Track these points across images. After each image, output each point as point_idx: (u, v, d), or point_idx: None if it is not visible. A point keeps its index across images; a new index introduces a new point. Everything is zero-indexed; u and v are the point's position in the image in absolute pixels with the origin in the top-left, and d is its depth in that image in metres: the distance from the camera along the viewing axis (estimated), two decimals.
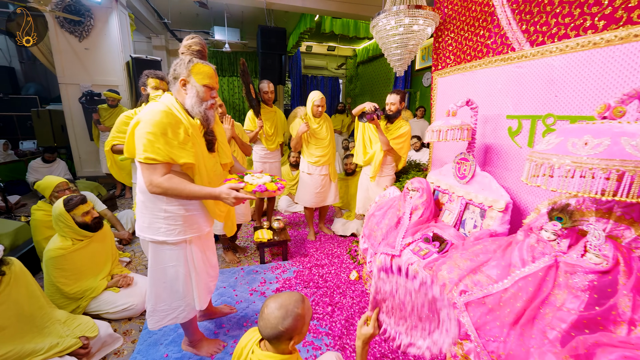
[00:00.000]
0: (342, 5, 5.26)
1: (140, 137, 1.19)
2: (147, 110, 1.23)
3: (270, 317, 0.93)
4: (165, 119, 1.21)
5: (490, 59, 1.97)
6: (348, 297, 2.15)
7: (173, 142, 1.23)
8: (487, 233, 1.69)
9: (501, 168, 1.94)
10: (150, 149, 1.18)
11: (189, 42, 1.37)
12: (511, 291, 1.28)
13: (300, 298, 1.00)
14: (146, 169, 1.22)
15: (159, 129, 1.19)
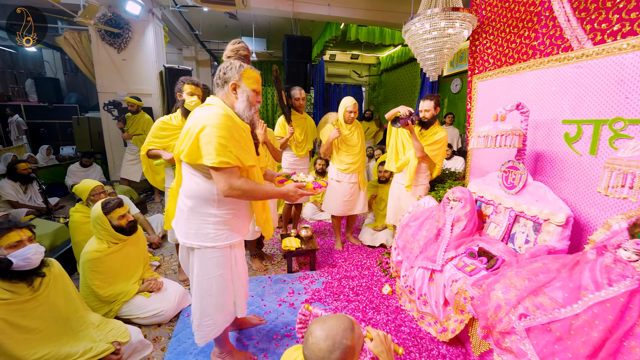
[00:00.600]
0: (368, 13, 5.24)
1: (210, 142, 1.17)
2: (208, 114, 1.20)
3: (315, 348, 0.83)
4: (230, 122, 1.21)
5: (541, 60, 1.82)
6: (382, 314, 2.01)
7: (240, 145, 1.23)
8: (544, 249, 1.52)
9: (555, 178, 1.77)
10: (223, 153, 1.17)
11: (236, 46, 1.37)
12: (584, 318, 1.11)
13: (349, 325, 0.89)
14: (222, 173, 1.20)
15: (227, 132, 1.19)
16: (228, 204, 1.32)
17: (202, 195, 1.29)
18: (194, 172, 1.29)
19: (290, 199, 1.36)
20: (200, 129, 1.18)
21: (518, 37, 2.49)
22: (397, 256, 2.28)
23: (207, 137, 1.17)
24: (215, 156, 1.16)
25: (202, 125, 1.18)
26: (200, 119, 1.20)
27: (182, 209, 1.36)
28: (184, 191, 1.35)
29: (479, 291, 1.51)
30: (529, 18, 2.39)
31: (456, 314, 1.65)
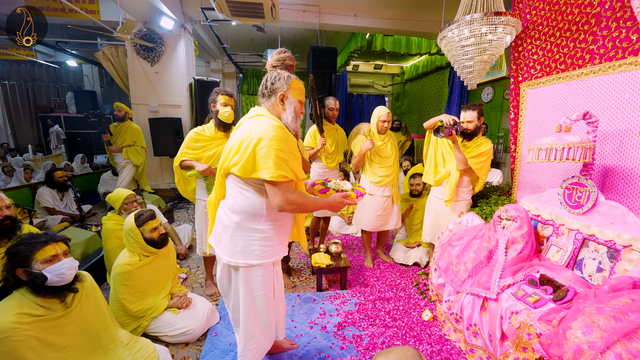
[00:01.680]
0: (395, 23, 5.17)
1: (269, 155, 1.13)
2: (264, 126, 1.16)
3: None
4: (285, 134, 1.18)
5: (610, 64, 1.63)
6: (425, 344, 1.82)
7: (295, 158, 1.21)
8: (628, 282, 1.30)
9: (632, 196, 1.54)
10: (282, 167, 1.14)
11: (282, 55, 1.32)
12: None
13: (416, 354, 0.76)
14: (279, 187, 1.16)
15: (285, 146, 1.16)
16: (275, 219, 1.27)
17: (251, 210, 1.24)
18: (244, 186, 1.23)
19: (334, 209, 1.30)
20: (257, 141, 1.14)
21: (571, 41, 2.29)
22: (438, 278, 2.09)
23: (265, 150, 1.13)
24: (274, 170, 1.12)
25: (258, 137, 1.14)
26: (256, 131, 1.15)
27: (227, 224, 1.28)
28: (231, 206, 1.28)
29: (548, 327, 1.30)
30: (584, 20, 2.20)
31: (517, 352, 1.44)
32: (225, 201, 1.33)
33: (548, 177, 2.01)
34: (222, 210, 1.34)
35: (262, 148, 1.13)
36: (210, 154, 2.06)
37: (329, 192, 1.33)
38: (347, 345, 1.80)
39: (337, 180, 1.44)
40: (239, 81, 8.36)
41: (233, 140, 1.25)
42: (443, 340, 1.87)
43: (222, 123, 2.06)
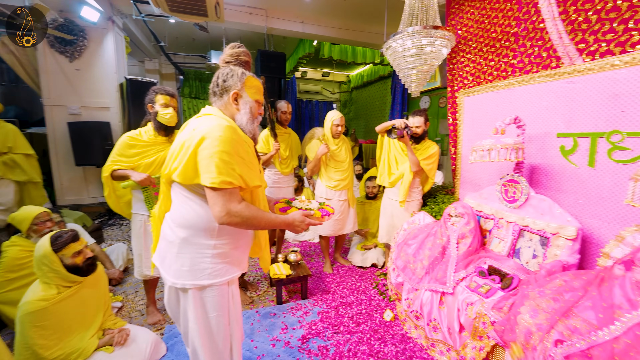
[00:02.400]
0: (340, 32, 5.33)
1: (211, 157, 0.98)
2: (209, 125, 1.02)
3: None
4: (235, 135, 1.04)
5: (531, 76, 1.88)
6: (389, 344, 1.83)
7: (245, 162, 1.06)
8: (559, 265, 1.48)
9: (553, 190, 1.78)
10: (226, 171, 0.99)
11: (236, 50, 1.20)
12: (625, 341, 1.04)
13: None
14: (221, 195, 1.01)
15: (232, 147, 1.01)
16: (230, 233, 1.12)
17: (200, 224, 1.08)
18: (189, 195, 1.08)
19: (295, 230, 1.18)
20: (199, 141, 1.00)
21: (496, 55, 2.59)
22: (397, 277, 2.14)
23: (207, 152, 0.99)
24: (216, 175, 0.98)
25: (200, 137, 1.00)
26: (200, 131, 1.01)
27: (172, 240, 1.11)
28: (176, 219, 1.11)
29: (500, 315, 1.40)
30: (505, 38, 2.51)
31: (474, 341, 1.53)
32: (170, 214, 1.17)
33: (486, 175, 2.23)
34: (166, 224, 1.17)
35: (204, 149, 0.99)
36: (149, 162, 1.81)
37: (289, 210, 1.23)
38: (314, 358, 1.72)
39: (304, 200, 1.34)
40: (179, 83, 7.75)
41: (176, 143, 1.10)
42: (405, 338, 1.90)
43: (163, 126, 1.83)
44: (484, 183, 2.22)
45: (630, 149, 1.42)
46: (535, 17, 2.23)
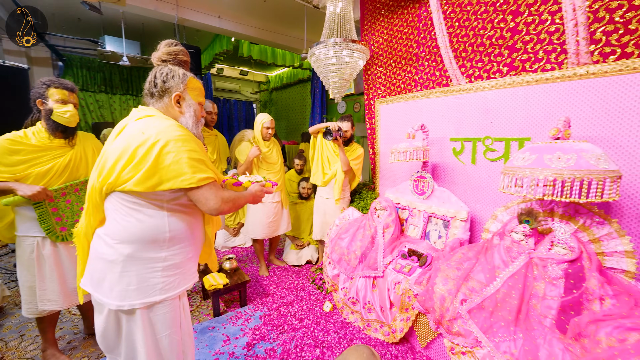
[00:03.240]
0: (259, 32, 5.29)
1: (180, 160, 0.96)
2: (162, 127, 0.97)
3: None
4: (189, 134, 1.03)
5: (431, 91, 2.30)
6: (332, 332, 1.97)
7: (206, 156, 1.06)
8: (457, 242, 1.88)
9: (449, 183, 2.24)
10: (201, 169, 1.00)
11: (174, 48, 1.12)
12: (503, 291, 1.43)
13: (362, 346, 0.84)
14: (208, 189, 1.01)
15: (195, 145, 1.01)
16: (181, 241, 1.07)
17: (149, 236, 1.00)
18: (138, 206, 1.00)
19: (256, 200, 1.23)
20: (163, 145, 0.94)
21: (402, 70, 3.06)
22: (333, 270, 2.31)
23: (174, 155, 0.95)
24: (191, 174, 0.96)
25: (157, 139, 0.94)
26: (155, 133, 0.95)
27: (113, 259, 0.99)
28: (117, 234, 0.99)
29: (421, 288, 1.70)
30: (409, 57, 2.98)
31: (401, 314, 1.81)
32: (105, 229, 1.03)
33: (400, 172, 2.61)
34: (101, 241, 1.02)
35: (170, 153, 0.95)
36: (42, 170, 1.47)
37: (244, 184, 1.25)
38: None
39: (247, 173, 1.41)
40: (58, 71, 6.26)
41: (118, 150, 0.97)
42: (345, 324, 2.08)
43: (61, 127, 1.52)
44: (399, 179, 2.60)
45: (497, 150, 1.92)
46: (431, 42, 2.73)
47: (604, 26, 1.72)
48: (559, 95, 1.61)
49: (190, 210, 1.09)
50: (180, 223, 1.05)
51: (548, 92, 1.65)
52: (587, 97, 1.51)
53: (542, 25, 1.98)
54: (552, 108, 1.64)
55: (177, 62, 1.12)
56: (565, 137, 1.32)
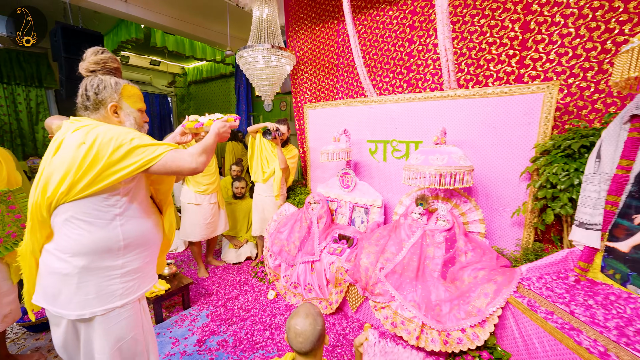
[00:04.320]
0: (176, 22, 4.97)
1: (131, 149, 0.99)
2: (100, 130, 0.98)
3: (305, 328, 1.01)
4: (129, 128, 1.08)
5: (351, 100, 2.71)
6: (278, 315, 2.22)
7: None
8: (375, 224, 2.35)
9: (367, 177, 2.71)
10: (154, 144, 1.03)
11: (101, 57, 1.10)
12: (407, 257, 1.92)
13: (308, 304, 1.12)
14: (173, 155, 1.04)
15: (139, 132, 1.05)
16: (137, 247, 1.10)
17: (102, 246, 1.02)
18: (87, 217, 1.00)
19: (224, 138, 1.24)
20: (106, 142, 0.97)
21: (325, 79, 3.43)
22: (274, 261, 2.54)
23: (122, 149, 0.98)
24: (152, 151, 1.01)
25: (102, 139, 0.97)
26: (99, 135, 0.97)
27: (68, 272, 1.00)
28: (69, 248, 1.00)
29: (350, 264, 2.10)
30: (331, 67, 3.36)
31: (336, 288, 2.18)
32: (56, 244, 1.03)
33: (329, 170, 2.99)
34: (53, 257, 1.02)
35: (118, 149, 0.97)
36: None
37: (205, 124, 1.28)
38: (216, 353, 1.84)
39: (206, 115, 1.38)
40: None
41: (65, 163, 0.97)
42: (289, 307, 2.35)
43: None
44: (328, 176, 2.98)
45: (400, 150, 2.44)
46: (349, 56, 3.15)
47: (464, 60, 2.38)
48: (440, 110, 2.18)
49: (145, 214, 1.12)
50: (134, 230, 1.08)
51: (433, 107, 2.21)
52: (457, 112, 2.11)
53: (428, 53, 2.59)
54: (436, 119, 2.21)
55: (106, 70, 1.10)
56: (442, 143, 1.86)
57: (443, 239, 1.89)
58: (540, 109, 1.78)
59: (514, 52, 2.16)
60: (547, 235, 1.97)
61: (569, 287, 1.35)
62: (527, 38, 2.09)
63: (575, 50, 1.92)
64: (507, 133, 1.92)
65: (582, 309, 1.19)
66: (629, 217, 1.29)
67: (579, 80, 1.92)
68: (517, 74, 2.16)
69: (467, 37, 2.34)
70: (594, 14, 1.84)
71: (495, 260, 1.73)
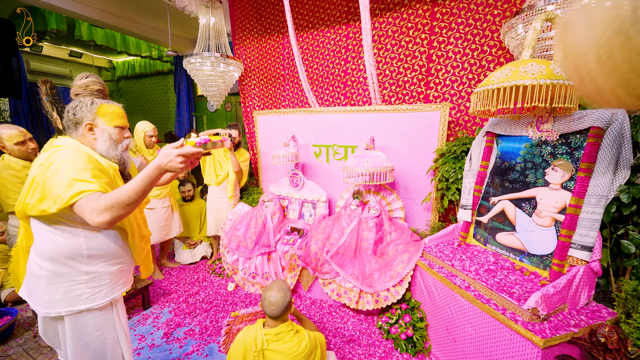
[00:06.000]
0: (107, 16, 4.65)
1: (64, 178, 1.02)
2: (55, 156, 1.07)
3: (277, 299, 1.34)
4: (84, 156, 1.09)
5: (297, 110, 3.06)
6: (240, 303, 2.48)
7: (95, 169, 1.10)
8: (321, 216, 2.77)
9: (313, 176, 3.11)
10: (75, 184, 1.01)
11: (84, 81, 1.24)
12: (348, 241, 2.38)
13: (280, 280, 1.46)
14: (84, 202, 1.01)
15: (81, 163, 1.06)
16: (103, 257, 1.18)
17: (67, 254, 1.12)
18: (49, 227, 1.11)
19: (172, 169, 1.02)
20: (50, 170, 1.04)
21: (272, 88, 3.73)
22: (232, 257, 2.78)
23: (58, 176, 1.02)
24: (66, 189, 0.99)
25: (45, 167, 1.05)
26: (48, 160, 1.07)
27: (39, 274, 1.14)
28: (40, 253, 1.14)
29: (301, 251, 2.48)
30: (277, 76, 3.67)
31: (290, 272, 2.54)
32: (33, 248, 1.18)
33: (279, 171, 3.31)
34: (31, 258, 1.17)
35: (54, 175, 1.03)
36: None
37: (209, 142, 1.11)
38: (184, 341, 2.04)
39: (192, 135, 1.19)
40: None
41: (28, 179, 1.12)
42: (248, 295, 2.62)
43: None
44: (278, 176, 3.30)
45: (340, 153, 2.90)
46: (293, 68, 3.50)
47: (387, 80, 2.95)
48: (370, 121, 2.69)
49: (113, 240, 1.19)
50: (98, 242, 1.14)
51: (364, 118, 2.71)
52: (381, 123, 2.64)
53: (360, 72, 3.10)
54: (367, 128, 2.72)
55: (88, 92, 1.22)
56: (371, 148, 2.36)
57: (374, 224, 2.39)
58: (439, 123, 2.40)
59: (422, 76, 2.79)
60: (447, 216, 2.64)
61: (453, 249, 1.95)
62: (430, 67, 2.73)
63: (462, 79, 2.61)
64: (418, 140, 2.51)
65: (459, 262, 1.77)
66: (487, 200, 1.93)
67: (464, 101, 2.61)
68: (424, 94, 2.80)
69: (388, 62, 2.91)
70: (472, 53, 2.54)
71: (410, 237, 2.30)
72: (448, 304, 1.70)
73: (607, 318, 1.34)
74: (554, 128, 1.56)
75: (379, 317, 2.17)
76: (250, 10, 3.61)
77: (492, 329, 1.40)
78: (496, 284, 1.52)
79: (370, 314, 2.28)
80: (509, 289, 1.46)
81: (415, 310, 1.98)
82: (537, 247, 1.61)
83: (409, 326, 1.93)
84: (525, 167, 1.71)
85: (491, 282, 1.54)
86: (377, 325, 2.13)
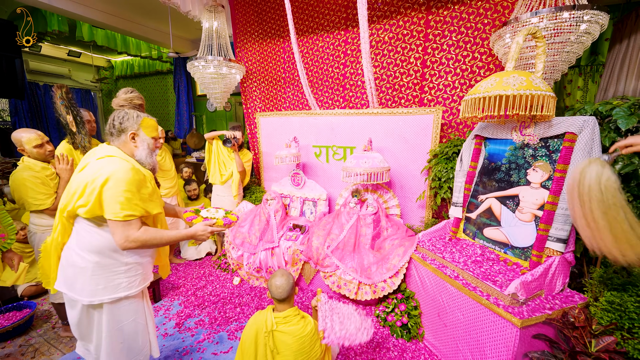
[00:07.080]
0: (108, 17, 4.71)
1: (115, 196, 1.21)
2: (114, 168, 1.23)
3: (282, 282, 1.49)
4: (136, 176, 1.28)
5: (299, 112, 3.20)
6: (245, 296, 2.63)
7: (145, 196, 1.32)
8: (322, 214, 2.93)
9: (314, 176, 3.26)
10: (128, 206, 1.23)
11: (129, 95, 1.44)
12: (347, 236, 2.54)
13: (283, 269, 1.62)
14: (121, 226, 1.24)
15: (134, 186, 1.26)
16: (137, 250, 1.36)
17: (110, 247, 1.30)
18: (95, 226, 1.28)
19: (200, 239, 1.44)
20: (103, 182, 1.20)
21: (272, 91, 3.86)
22: (237, 252, 2.92)
23: (111, 192, 1.21)
24: (119, 209, 1.21)
25: (105, 179, 1.20)
26: (104, 173, 1.21)
27: (83, 266, 1.29)
28: (85, 246, 1.29)
29: (303, 246, 2.63)
30: (279, 79, 3.80)
31: (293, 267, 2.69)
32: (75, 242, 1.32)
33: (281, 171, 3.45)
34: (73, 252, 1.31)
35: (109, 190, 1.20)
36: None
37: (196, 219, 1.47)
38: (195, 330, 2.18)
39: (211, 209, 1.59)
40: None
41: (77, 182, 1.27)
42: (254, 288, 2.77)
43: None
44: (280, 176, 3.44)
45: (339, 154, 3.05)
46: (294, 72, 3.63)
47: (384, 84, 3.10)
48: (367, 123, 2.84)
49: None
50: None
51: (363, 120, 2.86)
52: (379, 125, 2.79)
53: (358, 76, 3.24)
54: (365, 129, 2.87)
55: (132, 106, 1.44)
56: (369, 149, 2.51)
57: (371, 220, 2.55)
58: (432, 125, 2.56)
59: (417, 81, 2.94)
60: (440, 213, 2.80)
61: (445, 243, 2.12)
62: (425, 72, 2.89)
63: (454, 84, 2.77)
64: (413, 142, 2.67)
65: (449, 255, 1.94)
66: (476, 197, 2.09)
67: (456, 104, 2.77)
68: (419, 98, 2.95)
69: (385, 67, 3.06)
70: (464, 60, 2.69)
71: (405, 232, 2.46)
72: (439, 293, 1.86)
73: (578, 302, 1.51)
74: (535, 132, 1.72)
75: (376, 306, 2.33)
76: (252, 15, 3.73)
77: (478, 313, 1.57)
78: (482, 273, 1.68)
79: (369, 304, 2.44)
80: (493, 278, 1.63)
81: (410, 300, 2.14)
82: (519, 240, 1.78)
83: (404, 314, 2.10)
84: (509, 168, 1.88)
85: (477, 271, 1.71)
86: (375, 314, 2.29)
